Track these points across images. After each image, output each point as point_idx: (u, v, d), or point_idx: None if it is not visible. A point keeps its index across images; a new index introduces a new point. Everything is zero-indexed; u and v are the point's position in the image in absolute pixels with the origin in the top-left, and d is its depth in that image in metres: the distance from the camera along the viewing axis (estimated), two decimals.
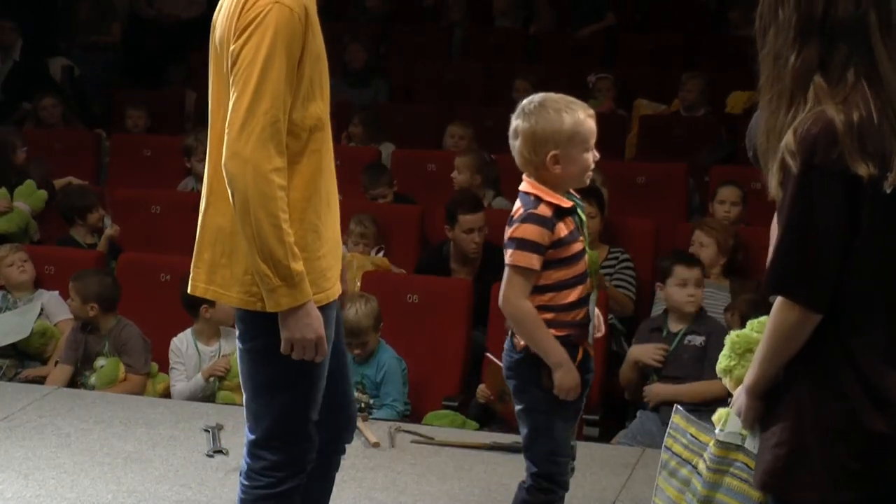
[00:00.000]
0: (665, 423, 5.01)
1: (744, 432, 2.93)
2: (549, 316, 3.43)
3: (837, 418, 2.50)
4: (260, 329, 3.07)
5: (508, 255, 3.42)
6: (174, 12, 10.83)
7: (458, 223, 6.02)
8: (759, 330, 3.19)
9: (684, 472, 3.68)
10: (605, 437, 5.31)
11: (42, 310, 6.05)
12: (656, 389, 5.07)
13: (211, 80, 3.12)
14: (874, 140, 2.42)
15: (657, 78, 9.25)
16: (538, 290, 3.42)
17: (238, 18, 2.96)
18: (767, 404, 2.65)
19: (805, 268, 2.47)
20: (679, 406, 3.99)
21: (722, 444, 3.65)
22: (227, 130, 2.93)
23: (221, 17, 3.06)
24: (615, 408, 5.53)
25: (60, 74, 10.07)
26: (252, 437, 3.18)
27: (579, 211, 3.48)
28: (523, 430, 3.56)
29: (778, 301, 2.54)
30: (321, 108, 3.06)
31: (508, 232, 3.44)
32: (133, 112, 8.73)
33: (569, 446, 3.57)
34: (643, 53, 9.90)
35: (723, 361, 3.32)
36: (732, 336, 3.29)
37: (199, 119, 8.65)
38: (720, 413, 3.78)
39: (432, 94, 9.59)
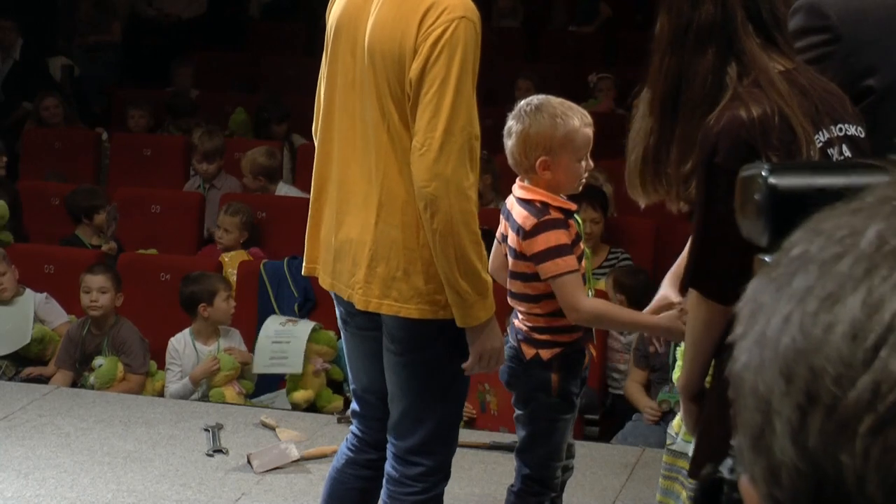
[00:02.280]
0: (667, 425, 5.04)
1: (687, 438, 2.93)
2: (561, 322, 3.40)
3: None
4: (431, 338, 3.07)
5: (545, 268, 3.32)
6: (174, 12, 10.83)
7: None
8: None
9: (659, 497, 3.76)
10: (605, 437, 5.31)
11: (36, 314, 5.97)
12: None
13: (365, 87, 3.02)
14: (778, 133, 2.42)
15: None
16: (550, 296, 3.37)
17: (418, 34, 2.91)
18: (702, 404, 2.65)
19: (710, 263, 2.50)
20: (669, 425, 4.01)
21: (672, 453, 3.67)
22: (421, 152, 2.89)
23: (385, 25, 2.96)
24: (615, 408, 5.53)
25: (60, 74, 10.07)
26: (405, 444, 3.16)
27: (576, 215, 3.46)
28: (521, 433, 3.55)
29: (690, 296, 2.57)
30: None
31: (528, 246, 3.34)
32: (136, 112, 8.73)
33: (564, 451, 3.55)
34: (643, 53, 9.89)
35: (676, 372, 3.32)
36: (682, 349, 3.28)
37: (204, 117, 8.66)
38: (678, 419, 3.81)
39: None
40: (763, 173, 1.37)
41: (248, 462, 4.66)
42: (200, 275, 5.62)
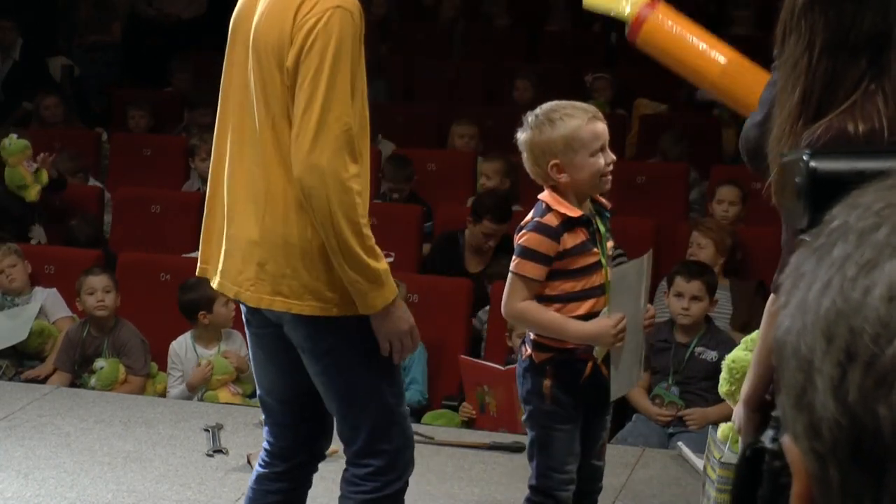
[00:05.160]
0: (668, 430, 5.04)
1: (736, 448, 2.92)
2: None
3: None
4: (333, 335, 3.03)
5: (513, 261, 3.38)
6: (174, 12, 10.83)
7: (480, 224, 6.06)
8: (751, 348, 3.19)
9: (712, 491, 3.72)
10: None
11: (43, 307, 6.01)
12: (698, 415, 5.01)
13: (254, 83, 3.00)
14: None
15: (657, 78, 9.24)
16: (546, 300, 3.36)
17: (294, 24, 2.89)
18: (765, 412, 2.63)
19: None
20: (712, 430, 4.00)
21: (725, 465, 3.64)
22: (297, 143, 2.87)
23: (266, 18, 2.97)
24: (615, 408, 5.52)
25: (60, 74, 10.07)
26: (352, 449, 3.11)
27: (598, 222, 3.42)
28: (528, 437, 3.53)
29: (770, 300, 2.54)
30: (363, 106, 3.02)
31: (516, 239, 3.41)
32: (135, 112, 8.74)
33: (567, 463, 3.47)
34: (643, 53, 9.90)
35: (724, 386, 3.32)
36: (728, 361, 3.27)
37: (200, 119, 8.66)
38: (723, 428, 3.79)
39: (432, 94, 9.59)
40: (804, 157, 1.39)
41: (248, 462, 4.65)
42: (197, 281, 5.56)
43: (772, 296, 2.54)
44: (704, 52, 3.54)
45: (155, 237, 6.82)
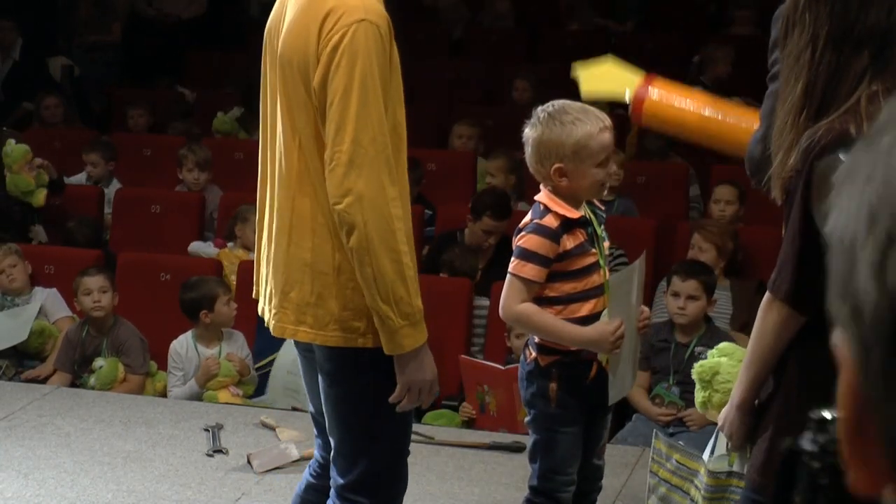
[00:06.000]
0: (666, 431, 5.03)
1: (732, 456, 2.91)
2: None
3: None
4: (355, 368, 2.86)
5: (512, 263, 3.36)
6: (174, 12, 10.84)
7: (480, 221, 6.06)
8: (719, 354, 3.17)
9: (677, 497, 3.67)
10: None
11: (43, 307, 6.03)
12: (698, 415, 5.00)
13: (280, 101, 2.86)
14: None
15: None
16: (546, 301, 3.35)
17: (319, 40, 2.72)
18: (757, 417, 2.63)
19: (795, 269, 2.45)
20: (658, 432, 3.98)
21: (713, 474, 3.64)
22: (331, 168, 2.69)
23: (291, 32, 2.81)
24: (615, 408, 5.52)
25: (60, 74, 10.07)
26: (342, 481, 2.92)
27: (595, 223, 3.41)
28: (530, 440, 3.52)
29: (764, 300, 2.53)
30: (399, 113, 2.87)
31: (515, 241, 3.39)
32: (135, 112, 8.73)
33: (570, 466, 3.46)
34: (643, 53, 9.90)
35: (698, 396, 3.29)
36: (696, 368, 3.26)
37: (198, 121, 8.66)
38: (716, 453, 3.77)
39: (432, 94, 9.59)
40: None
41: (248, 462, 4.66)
42: (199, 280, 5.58)
43: (766, 296, 2.53)
44: (706, 116, 3.59)
45: (155, 237, 6.82)
